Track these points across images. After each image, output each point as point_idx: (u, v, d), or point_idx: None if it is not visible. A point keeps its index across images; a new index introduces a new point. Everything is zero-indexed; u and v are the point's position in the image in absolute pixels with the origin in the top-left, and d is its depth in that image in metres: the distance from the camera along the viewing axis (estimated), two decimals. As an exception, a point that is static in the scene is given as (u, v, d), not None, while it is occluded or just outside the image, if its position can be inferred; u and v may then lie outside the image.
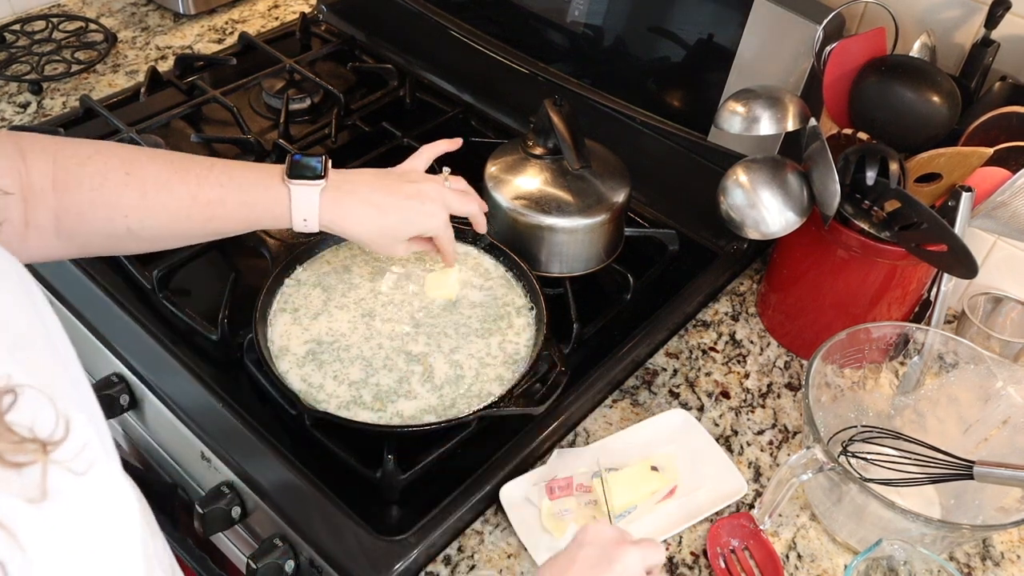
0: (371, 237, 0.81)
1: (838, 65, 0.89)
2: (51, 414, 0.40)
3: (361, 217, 0.80)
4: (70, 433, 0.40)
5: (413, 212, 0.81)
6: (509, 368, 0.86)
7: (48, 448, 0.38)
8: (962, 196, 0.81)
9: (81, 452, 0.41)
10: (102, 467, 0.44)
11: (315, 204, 0.77)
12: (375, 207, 0.80)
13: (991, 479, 0.76)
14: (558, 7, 1.16)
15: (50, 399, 0.40)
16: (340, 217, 0.79)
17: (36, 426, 0.38)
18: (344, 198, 0.79)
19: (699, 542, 0.83)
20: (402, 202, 0.81)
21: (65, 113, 1.23)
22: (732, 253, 1.10)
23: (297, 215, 0.77)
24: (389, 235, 0.81)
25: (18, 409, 0.37)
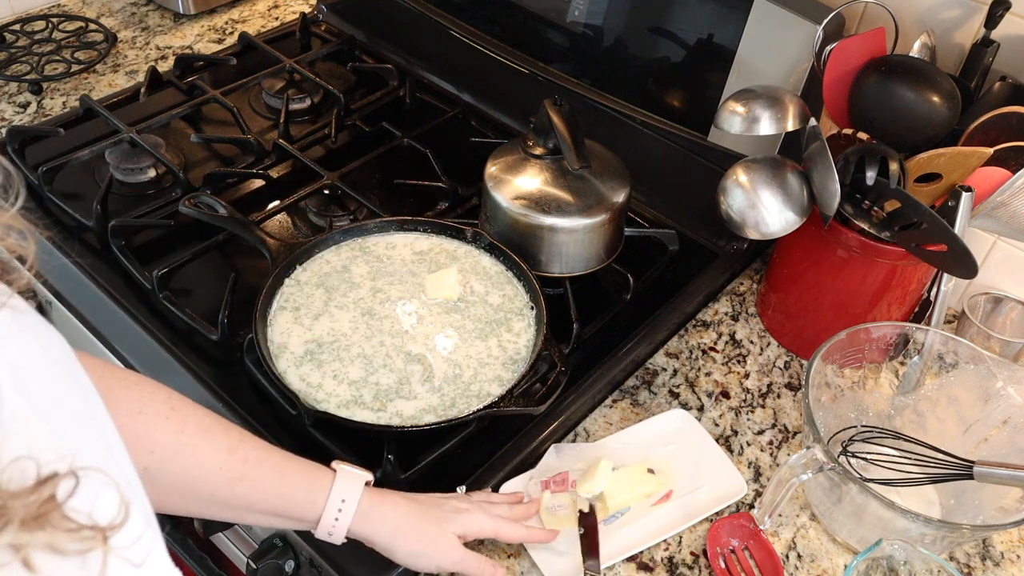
0: (410, 525, 0.73)
1: (838, 65, 0.89)
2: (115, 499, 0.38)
3: (397, 504, 0.73)
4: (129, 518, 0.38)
5: (442, 503, 0.76)
6: (509, 368, 0.86)
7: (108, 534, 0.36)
8: (962, 196, 0.81)
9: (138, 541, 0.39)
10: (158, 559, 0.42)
11: (359, 487, 0.71)
12: (411, 499, 0.75)
13: (991, 479, 0.76)
14: (558, 7, 1.17)
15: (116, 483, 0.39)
16: (378, 505, 0.72)
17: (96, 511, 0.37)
18: (384, 491, 0.74)
19: (699, 542, 0.83)
20: (436, 500, 0.77)
21: (65, 113, 1.23)
22: (732, 253, 1.10)
23: (336, 495, 0.70)
24: (431, 527, 0.73)
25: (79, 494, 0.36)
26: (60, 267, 1.01)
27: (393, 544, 0.72)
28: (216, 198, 0.99)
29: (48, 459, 0.36)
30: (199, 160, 1.19)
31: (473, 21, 1.29)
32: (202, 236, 1.03)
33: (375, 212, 1.07)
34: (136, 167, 1.13)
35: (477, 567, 0.75)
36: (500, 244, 0.96)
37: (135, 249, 1.02)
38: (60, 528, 0.34)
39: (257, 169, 1.15)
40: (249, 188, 1.15)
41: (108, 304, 0.97)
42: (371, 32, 1.42)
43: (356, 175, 1.14)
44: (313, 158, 1.16)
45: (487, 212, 1.00)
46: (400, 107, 1.30)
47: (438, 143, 1.18)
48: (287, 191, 1.11)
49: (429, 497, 0.76)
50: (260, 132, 1.23)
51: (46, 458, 0.36)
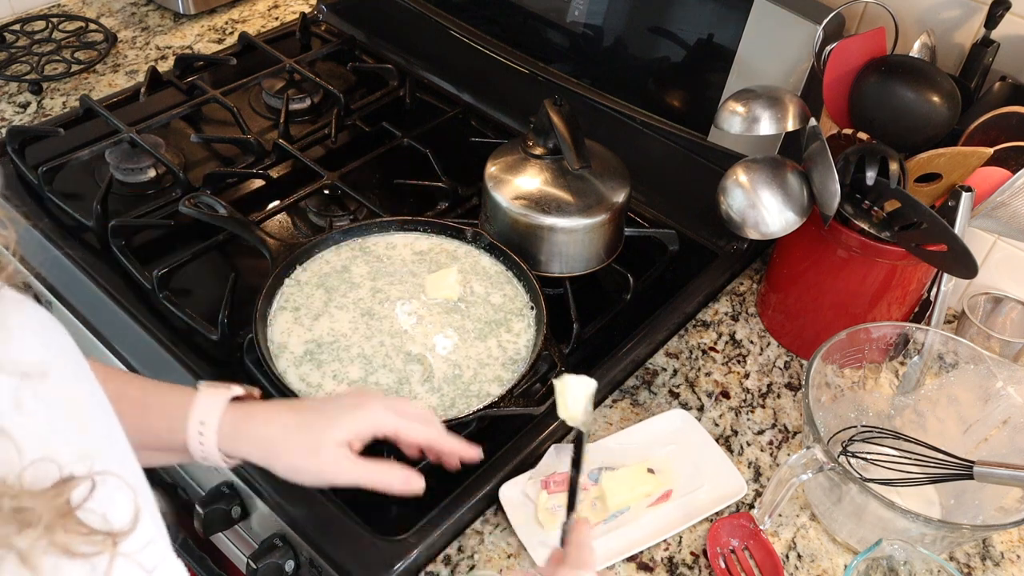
0: (287, 442, 0.64)
1: (838, 65, 0.89)
2: (130, 505, 0.38)
3: (270, 417, 0.65)
4: (139, 524, 0.38)
5: (335, 403, 0.67)
6: (509, 368, 0.86)
7: (117, 539, 0.36)
8: (962, 196, 0.81)
9: (148, 546, 0.39)
10: (168, 565, 0.42)
11: (218, 408, 0.65)
12: (288, 406, 0.67)
13: (991, 479, 0.76)
14: (558, 7, 1.17)
15: (131, 487, 0.39)
16: (245, 422, 0.65)
17: (110, 515, 0.37)
18: (255, 406, 0.67)
19: (699, 542, 0.83)
20: (323, 402, 0.68)
21: (65, 113, 1.23)
22: (732, 253, 1.10)
23: (194, 418, 0.64)
24: (311, 437, 0.64)
25: (95, 498, 0.36)
26: (60, 267, 1.01)
27: (269, 463, 0.65)
28: (216, 198, 0.99)
29: (67, 461, 0.36)
30: (199, 160, 1.19)
31: (473, 21, 1.29)
32: (202, 236, 1.03)
33: (375, 212, 1.07)
34: (136, 167, 1.13)
35: (379, 478, 0.66)
36: (500, 244, 0.96)
37: (135, 249, 1.02)
38: (73, 531, 0.35)
39: (257, 169, 1.15)
40: (249, 188, 1.15)
41: (108, 304, 0.97)
42: (371, 32, 1.42)
43: (356, 175, 1.14)
44: (313, 158, 1.16)
45: (487, 212, 1.00)
46: (400, 107, 1.30)
47: (438, 143, 1.18)
48: (287, 191, 1.11)
49: (316, 401, 0.69)
50: (260, 132, 1.23)
51: (65, 460, 0.36)
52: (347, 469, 0.65)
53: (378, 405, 0.67)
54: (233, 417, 0.65)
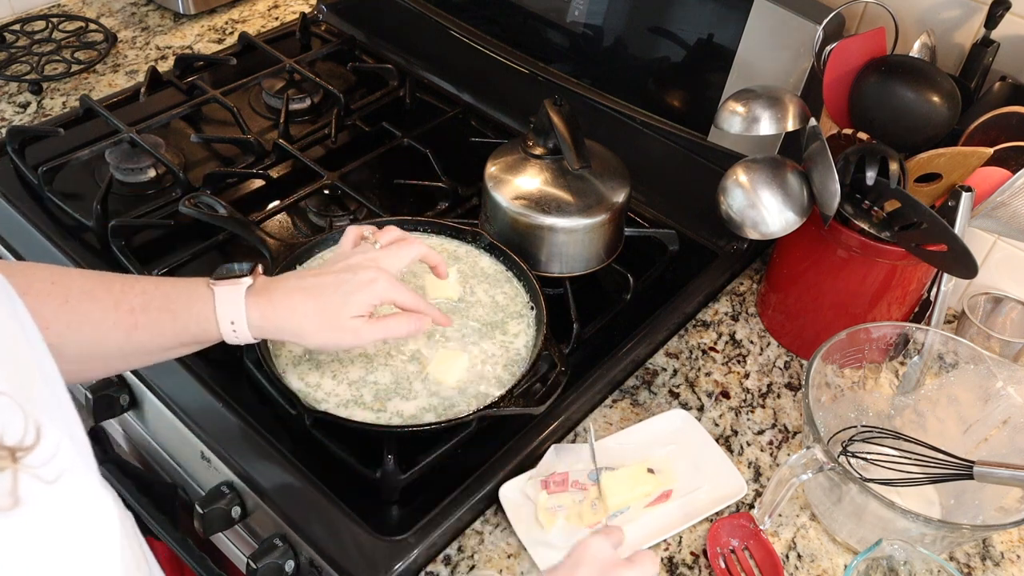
0: (312, 326, 0.73)
1: (838, 65, 0.89)
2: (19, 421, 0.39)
3: (293, 306, 0.73)
4: (40, 440, 0.39)
5: (347, 284, 0.74)
6: (509, 368, 0.86)
7: (17, 455, 0.38)
8: (962, 196, 0.81)
9: (51, 460, 0.40)
10: (75, 476, 0.43)
11: (241, 305, 0.71)
12: (304, 291, 0.74)
13: (991, 479, 0.76)
14: (558, 7, 1.17)
15: (20, 406, 0.40)
16: (271, 312, 0.72)
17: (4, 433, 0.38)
18: (272, 292, 0.73)
19: (699, 542, 0.83)
20: (332, 279, 0.75)
21: (65, 113, 1.23)
22: (732, 253, 1.10)
23: (224, 319, 0.71)
24: (331, 318, 0.73)
25: None
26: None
27: (301, 341, 0.74)
28: (216, 198, 0.99)
29: None
30: (199, 160, 1.19)
31: (473, 21, 1.29)
32: (202, 236, 1.03)
33: (375, 212, 1.07)
34: (136, 167, 1.13)
35: (397, 330, 0.76)
36: (500, 244, 0.96)
37: (135, 249, 1.02)
38: None
39: (257, 169, 1.15)
40: (249, 188, 1.15)
41: (108, 304, 0.97)
42: (371, 32, 1.42)
43: (356, 175, 1.14)
44: (313, 158, 1.16)
45: (487, 212, 1.00)
46: (400, 107, 1.30)
47: (438, 143, 1.18)
48: (287, 191, 1.11)
49: (326, 280, 0.75)
50: (260, 132, 1.23)
51: None
52: (366, 333, 0.75)
53: (382, 282, 0.75)
54: (258, 310, 0.72)
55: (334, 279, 0.75)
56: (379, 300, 0.75)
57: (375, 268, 0.76)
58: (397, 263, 0.79)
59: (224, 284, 0.72)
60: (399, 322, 0.77)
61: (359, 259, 0.77)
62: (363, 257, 0.77)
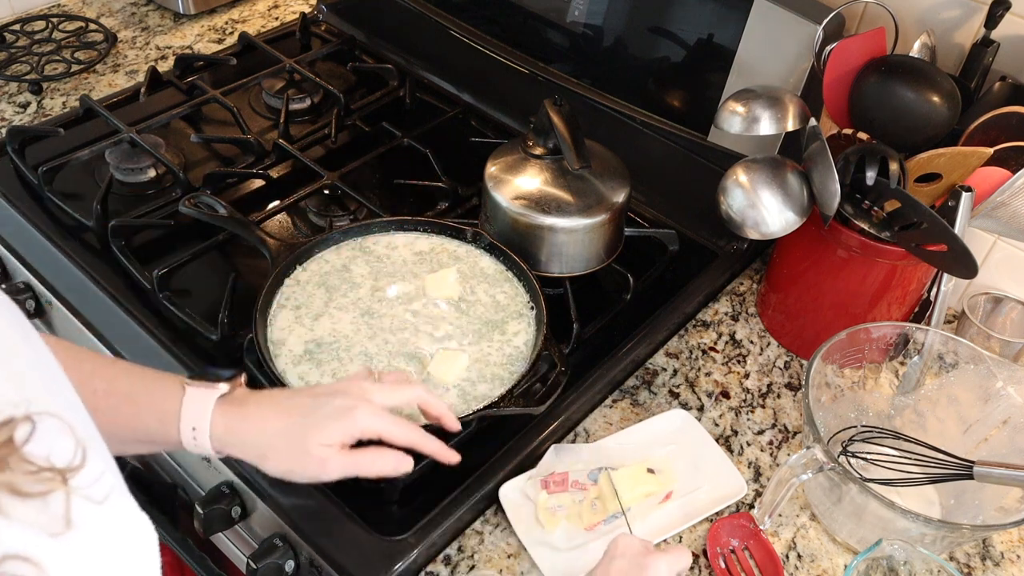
0: (276, 447, 0.66)
1: (838, 65, 0.89)
2: (70, 441, 0.39)
3: (262, 423, 0.67)
4: (87, 460, 0.39)
5: (324, 408, 0.67)
6: (509, 368, 0.86)
7: (67, 476, 0.37)
8: (962, 196, 0.81)
9: (99, 480, 0.40)
10: (121, 496, 0.43)
11: (208, 411, 0.66)
12: (277, 410, 0.68)
13: (991, 479, 0.76)
14: (558, 7, 1.17)
15: (69, 426, 0.39)
16: (236, 425, 0.67)
17: (53, 455, 0.37)
18: (244, 405, 0.68)
19: (699, 542, 0.83)
20: (310, 400, 0.68)
21: (65, 113, 1.23)
22: (732, 253, 1.10)
23: (186, 422, 0.66)
24: (298, 442, 0.66)
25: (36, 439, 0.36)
26: (60, 267, 1.01)
27: (262, 465, 0.68)
28: (216, 198, 0.99)
29: (2, 405, 0.37)
30: (199, 160, 1.19)
31: (473, 21, 1.29)
32: (202, 236, 1.03)
33: (375, 212, 1.07)
34: (136, 167, 1.13)
35: (370, 467, 0.68)
36: (500, 244, 0.96)
37: (135, 249, 1.02)
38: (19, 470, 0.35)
39: (257, 169, 1.15)
40: (249, 188, 1.15)
41: (108, 304, 0.97)
42: (371, 32, 1.42)
43: (356, 175, 1.14)
44: (313, 158, 1.16)
45: (487, 212, 1.00)
46: (400, 107, 1.30)
47: (438, 143, 1.18)
48: (287, 191, 1.11)
49: (307, 400, 0.69)
50: (260, 132, 1.23)
51: (1, 404, 0.37)
52: (336, 466, 0.67)
53: (364, 411, 0.68)
54: (224, 420, 0.67)
55: (312, 401, 0.69)
56: (357, 431, 0.68)
57: (361, 397, 0.69)
58: (388, 398, 0.71)
59: (197, 386, 0.68)
60: (375, 458, 0.68)
61: (347, 385, 0.70)
62: (353, 384, 0.70)
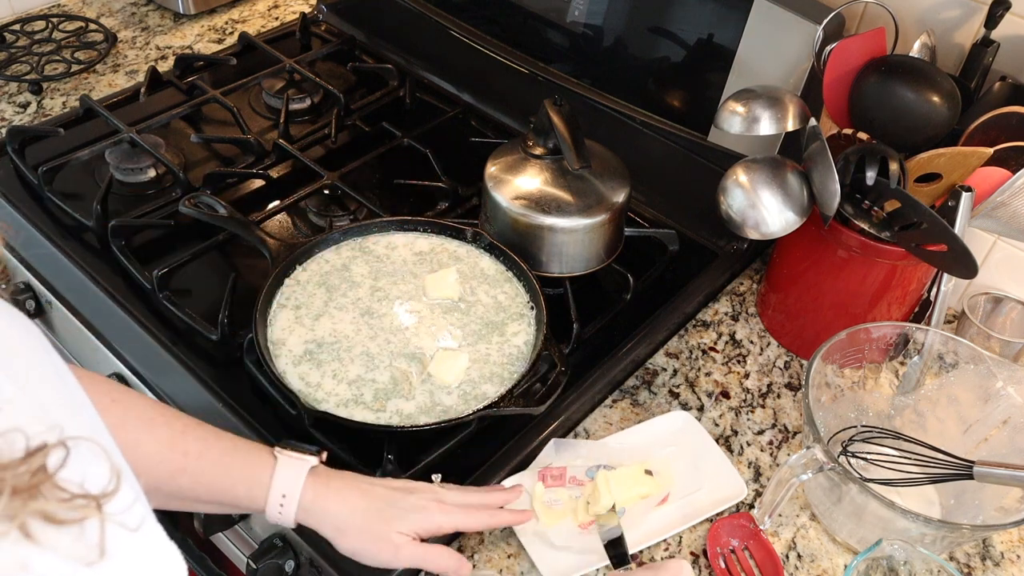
0: (357, 525, 0.70)
1: (838, 65, 0.89)
2: (105, 467, 0.39)
3: (347, 500, 0.70)
4: (121, 486, 0.39)
5: (404, 501, 0.72)
6: (509, 368, 0.86)
7: (102, 502, 0.36)
8: (962, 196, 0.81)
9: (133, 506, 0.40)
10: (152, 525, 0.42)
11: (300, 479, 0.69)
12: (361, 491, 0.71)
13: (991, 479, 0.76)
14: (558, 7, 1.17)
15: (104, 450, 0.39)
16: (323, 496, 0.70)
17: (88, 480, 0.37)
18: (330, 479, 0.71)
19: (699, 542, 0.83)
20: (388, 491, 0.72)
21: (65, 113, 1.23)
22: (732, 253, 1.10)
23: (276, 490, 0.69)
24: (378, 524, 0.70)
25: (70, 465, 0.36)
26: (60, 267, 1.01)
27: (337, 539, 0.70)
28: (216, 198, 0.99)
29: (36, 431, 0.36)
30: (199, 160, 1.19)
31: (473, 21, 1.29)
32: (202, 236, 1.03)
33: (375, 212, 1.07)
34: (136, 167, 1.13)
35: (435, 562, 0.72)
36: (500, 244, 0.96)
37: (135, 249, 1.02)
38: (52, 498, 0.35)
39: (257, 169, 1.15)
40: (249, 188, 1.15)
41: (108, 304, 0.97)
42: (371, 32, 1.42)
43: (356, 175, 1.14)
44: (313, 158, 1.16)
45: (487, 212, 1.00)
46: (400, 107, 1.30)
47: (438, 143, 1.18)
48: (287, 191, 1.11)
49: (386, 491, 0.72)
50: (260, 132, 1.23)
51: (34, 430, 0.36)
52: (408, 555, 0.70)
53: (439, 509, 0.72)
54: (313, 492, 0.69)
55: (388, 492, 0.72)
56: (434, 526, 0.72)
57: (433, 495, 0.74)
58: (458, 498, 0.75)
59: (290, 455, 0.71)
60: (441, 554, 0.72)
61: (420, 484, 0.75)
62: (424, 484, 0.75)
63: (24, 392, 0.40)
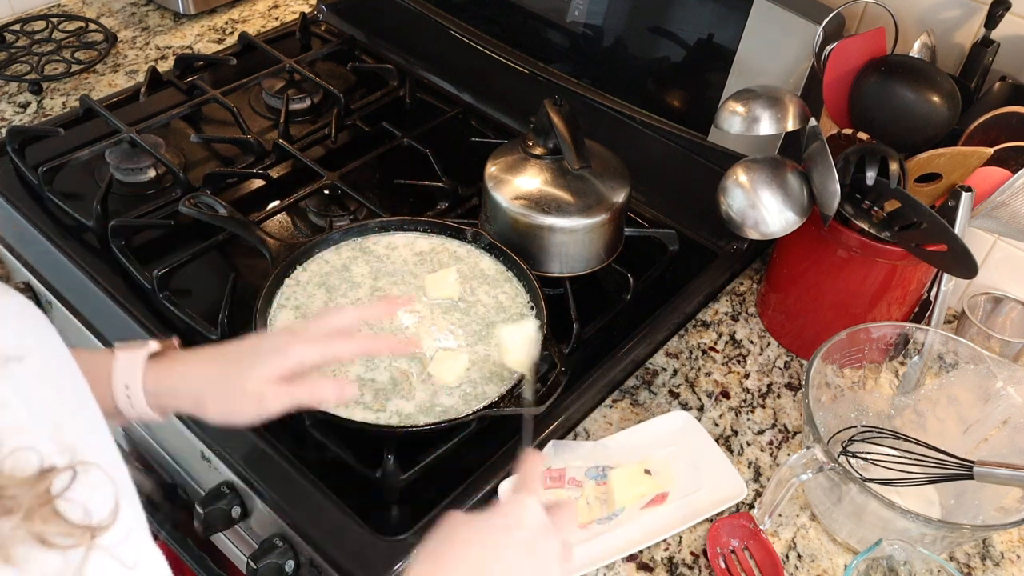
0: (209, 392, 0.66)
1: (838, 65, 0.89)
2: (110, 496, 0.38)
3: (192, 373, 0.67)
4: (119, 516, 0.38)
5: (253, 348, 0.67)
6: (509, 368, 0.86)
7: (96, 533, 0.36)
8: (962, 196, 0.81)
9: (129, 537, 0.39)
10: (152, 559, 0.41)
11: (138, 369, 0.66)
12: (209, 358, 0.67)
13: (991, 479, 0.76)
14: (558, 7, 1.17)
15: (113, 481, 0.38)
16: (166, 375, 0.66)
17: (91, 507, 0.36)
18: (173, 359, 0.68)
19: (699, 542, 0.83)
20: (236, 345, 0.69)
21: (65, 113, 1.23)
22: (732, 253, 1.10)
23: (118, 383, 0.65)
24: (232, 385, 0.65)
25: (75, 489, 0.35)
26: (60, 267, 1.01)
27: (200, 412, 0.66)
28: (216, 198, 0.99)
29: (48, 451, 0.36)
30: (199, 160, 1.19)
31: (473, 21, 1.29)
32: (202, 236, 1.03)
33: (375, 212, 1.07)
34: (136, 167, 1.13)
35: (311, 396, 0.67)
36: (500, 244, 0.96)
37: (135, 249, 1.02)
38: (52, 521, 0.34)
39: (257, 169, 1.15)
40: (249, 188, 1.15)
41: (108, 304, 0.97)
42: (371, 32, 1.42)
43: (356, 175, 1.14)
44: (313, 158, 1.16)
45: (487, 212, 1.00)
46: (400, 107, 1.30)
47: (438, 143, 1.18)
48: (287, 191, 1.11)
49: (238, 348, 0.68)
50: (260, 132, 1.23)
51: (46, 450, 0.36)
52: (274, 400, 0.66)
53: (297, 345, 0.66)
54: (156, 375, 0.66)
55: (241, 347, 0.68)
56: (292, 361, 0.66)
57: (290, 334, 0.69)
58: (324, 325, 0.70)
59: (128, 346, 0.68)
60: (313, 387, 0.67)
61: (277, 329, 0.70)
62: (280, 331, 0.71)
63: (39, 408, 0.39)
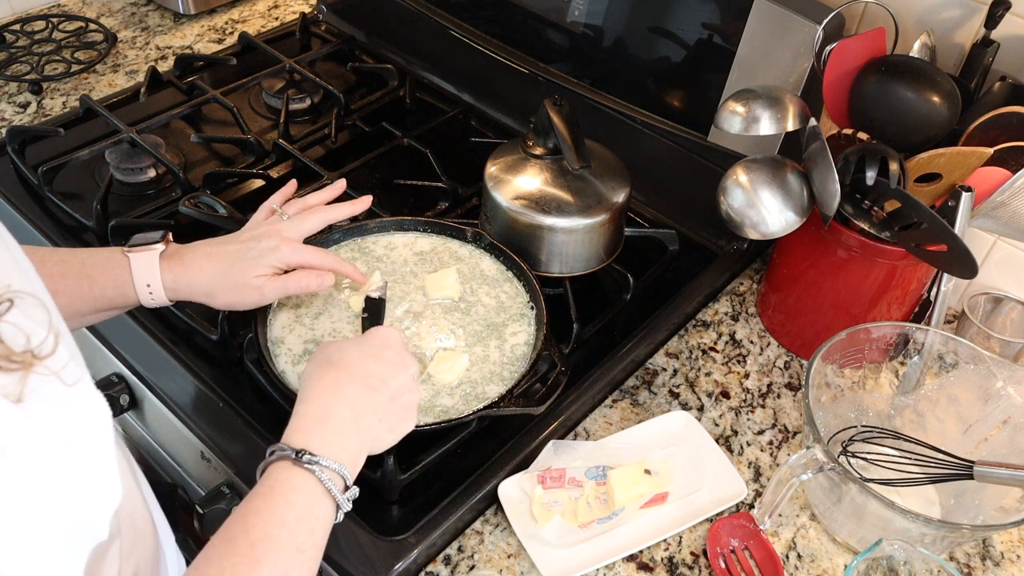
0: (220, 286, 0.79)
1: (838, 65, 0.89)
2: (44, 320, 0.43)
3: (202, 269, 0.79)
4: (59, 346, 0.43)
5: (251, 250, 0.80)
6: (509, 368, 0.86)
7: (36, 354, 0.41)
8: (962, 196, 0.81)
9: (67, 366, 0.44)
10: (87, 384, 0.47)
11: (156, 269, 0.77)
12: (213, 256, 0.80)
13: (991, 479, 0.76)
14: (558, 7, 1.17)
15: (47, 309, 0.43)
16: (182, 274, 0.78)
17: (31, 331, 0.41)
18: (183, 256, 0.79)
19: (699, 542, 0.83)
20: (237, 246, 0.81)
21: (65, 113, 1.23)
22: (732, 253, 1.10)
23: (141, 283, 0.77)
24: (236, 279, 0.79)
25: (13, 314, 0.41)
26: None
27: (210, 301, 0.80)
28: (216, 198, 0.99)
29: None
30: (199, 160, 1.19)
31: (473, 21, 1.29)
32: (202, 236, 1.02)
33: (375, 212, 1.07)
34: (136, 167, 1.13)
35: (295, 284, 0.81)
36: (500, 244, 0.96)
37: (135, 249, 1.02)
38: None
39: (257, 169, 1.15)
40: (249, 188, 1.15)
41: (108, 304, 0.96)
42: (371, 32, 1.42)
43: (356, 175, 1.14)
44: (313, 158, 1.16)
45: (487, 212, 1.00)
46: (400, 107, 1.30)
47: (438, 143, 1.18)
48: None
49: (235, 247, 0.80)
50: (260, 132, 1.23)
51: None
52: (271, 289, 0.80)
53: (285, 247, 0.81)
54: (171, 273, 0.78)
55: (239, 246, 0.81)
56: (281, 263, 0.80)
57: (278, 236, 0.81)
58: (299, 230, 0.84)
59: (139, 251, 0.78)
60: (299, 278, 0.81)
61: (264, 229, 0.83)
62: (267, 227, 0.83)
63: None
